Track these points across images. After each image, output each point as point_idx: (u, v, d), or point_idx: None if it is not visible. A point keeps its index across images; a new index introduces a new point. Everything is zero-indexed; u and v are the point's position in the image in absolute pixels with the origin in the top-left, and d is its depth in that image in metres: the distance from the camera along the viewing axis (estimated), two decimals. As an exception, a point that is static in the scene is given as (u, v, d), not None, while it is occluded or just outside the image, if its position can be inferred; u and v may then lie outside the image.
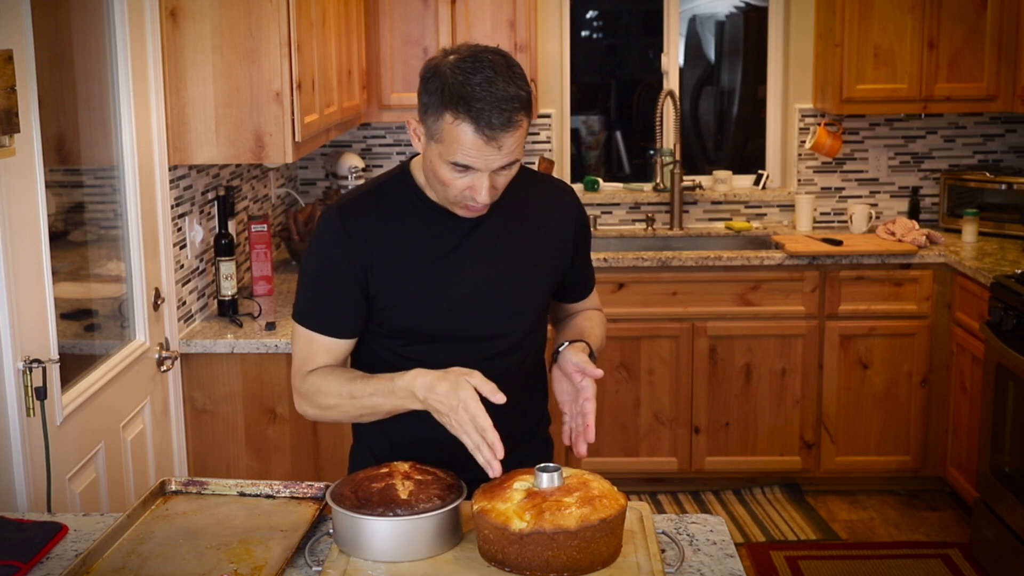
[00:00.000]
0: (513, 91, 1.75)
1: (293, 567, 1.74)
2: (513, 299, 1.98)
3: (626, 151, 5.60)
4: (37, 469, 2.38)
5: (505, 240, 1.97)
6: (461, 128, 1.75)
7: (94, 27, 2.82)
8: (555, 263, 2.04)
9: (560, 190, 2.10)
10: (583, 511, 1.65)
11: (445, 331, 1.95)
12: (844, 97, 4.52)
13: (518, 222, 1.99)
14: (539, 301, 2.04)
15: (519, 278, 1.98)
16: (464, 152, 1.77)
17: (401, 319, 1.94)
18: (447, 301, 1.93)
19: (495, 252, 1.96)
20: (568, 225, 2.06)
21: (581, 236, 2.09)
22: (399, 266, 1.91)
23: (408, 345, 1.96)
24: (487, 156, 1.77)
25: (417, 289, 1.92)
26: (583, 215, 2.11)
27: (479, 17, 4.39)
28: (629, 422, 4.45)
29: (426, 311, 1.93)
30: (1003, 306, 3.72)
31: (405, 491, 1.74)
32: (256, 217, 3.79)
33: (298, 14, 3.20)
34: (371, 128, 4.88)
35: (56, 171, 2.66)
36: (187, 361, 3.26)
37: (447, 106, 1.75)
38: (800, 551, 4.03)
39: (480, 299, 1.95)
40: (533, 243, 2.00)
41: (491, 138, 1.75)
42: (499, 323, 1.97)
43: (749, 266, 4.35)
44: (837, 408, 4.44)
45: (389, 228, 1.92)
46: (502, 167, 1.80)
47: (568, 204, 2.07)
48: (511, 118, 1.75)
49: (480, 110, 1.73)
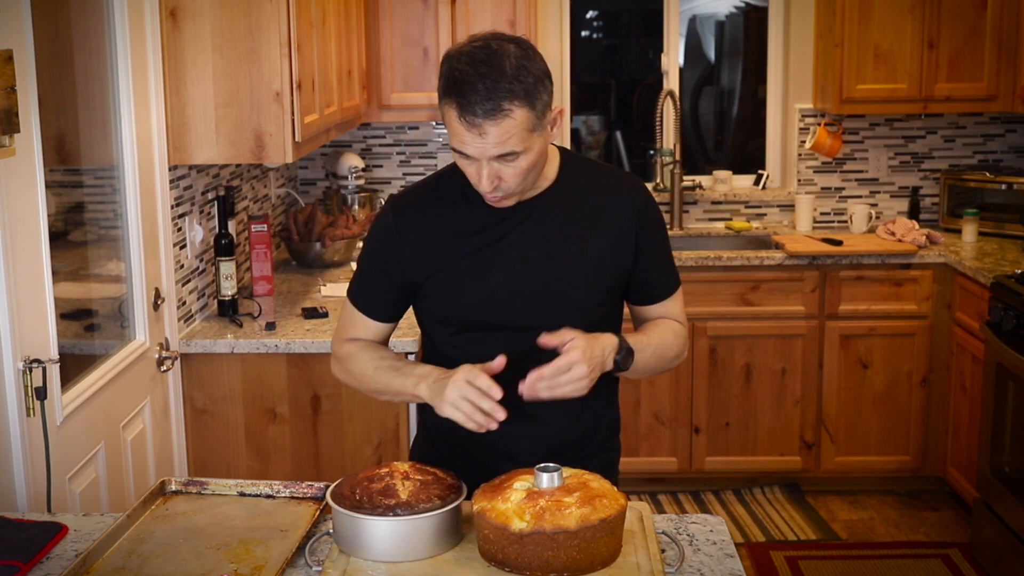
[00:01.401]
0: (508, 80, 1.74)
1: (293, 567, 1.74)
2: (559, 292, 1.95)
3: (626, 151, 5.61)
4: (37, 469, 2.38)
5: (556, 233, 1.95)
6: (451, 114, 1.79)
7: (94, 27, 2.82)
8: (612, 260, 1.99)
9: (628, 186, 2.03)
10: (583, 511, 1.65)
11: (488, 320, 1.96)
12: (844, 97, 4.52)
13: (574, 215, 1.97)
14: (591, 297, 1.98)
15: (568, 271, 1.95)
16: (457, 138, 1.80)
17: (445, 306, 1.98)
18: (490, 289, 1.95)
19: (544, 244, 1.95)
20: (631, 222, 1.99)
21: (647, 235, 2.01)
22: (445, 254, 1.96)
23: (456, 334, 1.99)
24: (476, 144, 1.78)
25: (461, 276, 1.95)
26: (654, 211, 2.03)
27: (479, 17, 4.39)
28: (629, 422, 4.45)
29: (469, 298, 1.96)
30: (1003, 306, 3.72)
31: (405, 491, 1.74)
32: (256, 217, 3.79)
33: (298, 14, 3.20)
34: (371, 128, 4.88)
35: (56, 171, 2.66)
36: (187, 361, 3.26)
37: (445, 93, 1.79)
38: (800, 551, 4.03)
39: (523, 289, 1.94)
40: (587, 237, 1.97)
41: (473, 125, 1.75)
42: (543, 315, 1.93)
43: (749, 266, 4.35)
44: (837, 408, 4.44)
45: (438, 218, 1.97)
46: (501, 157, 1.79)
47: (634, 201, 2.00)
48: (498, 106, 1.74)
49: (468, 98, 1.74)
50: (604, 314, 2.02)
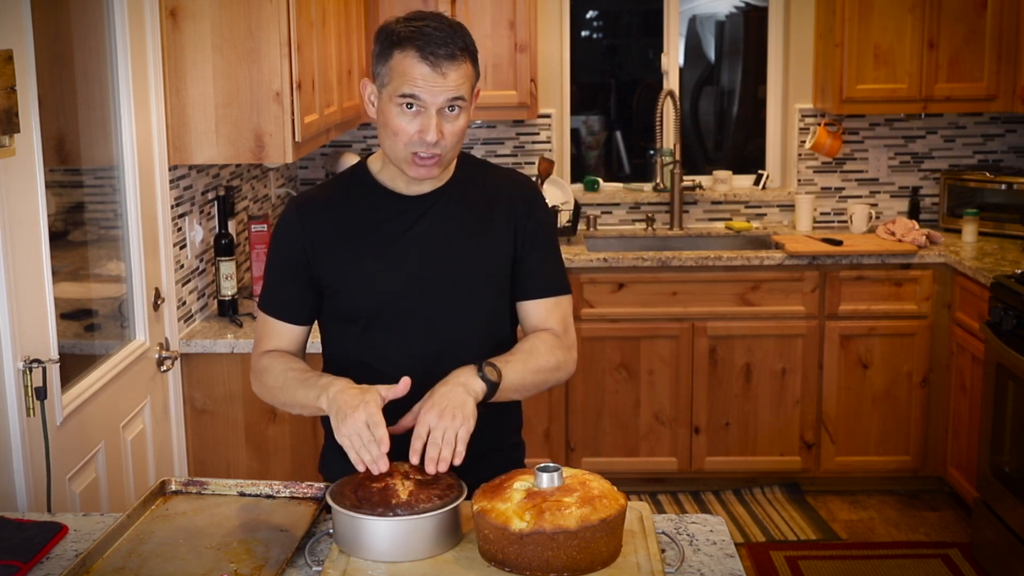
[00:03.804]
0: (456, 37, 1.88)
1: (293, 567, 1.74)
2: (458, 287, 1.99)
3: (626, 151, 5.60)
4: (37, 469, 2.38)
5: (454, 228, 2.00)
6: (408, 58, 1.86)
7: (94, 27, 2.82)
8: (506, 253, 2.02)
9: (517, 183, 2.08)
10: (583, 511, 1.65)
11: (392, 316, 1.99)
12: (844, 97, 4.52)
13: (470, 210, 2.02)
14: (487, 293, 2.02)
15: (468, 264, 2.00)
16: (411, 83, 1.86)
17: (349, 303, 2.01)
18: (392, 284, 1.98)
19: (442, 240, 1.99)
20: (519, 214, 2.03)
21: (531, 230, 2.04)
22: (347, 251, 1.99)
23: (364, 331, 2.01)
24: (433, 86, 1.85)
25: (363, 273, 1.98)
26: (537, 209, 2.06)
27: (479, 17, 4.39)
28: (629, 422, 4.45)
29: (372, 294, 1.98)
30: (1003, 306, 3.72)
31: (405, 491, 1.74)
32: (256, 217, 3.79)
33: (298, 14, 3.20)
34: (371, 128, 4.88)
35: (56, 171, 2.66)
36: (187, 361, 3.26)
37: (395, 45, 1.87)
38: (800, 551, 4.03)
39: (424, 285, 1.98)
40: (485, 231, 2.01)
41: (435, 65, 1.85)
42: (445, 311, 1.99)
43: (749, 266, 4.35)
44: (837, 408, 4.44)
45: (340, 215, 2.01)
46: (449, 105, 1.87)
47: (521, 196, 2.05)
48: (454, 52, 1.86)
49: (426, 40, 1.85)
50: (504, 307, 2.06)
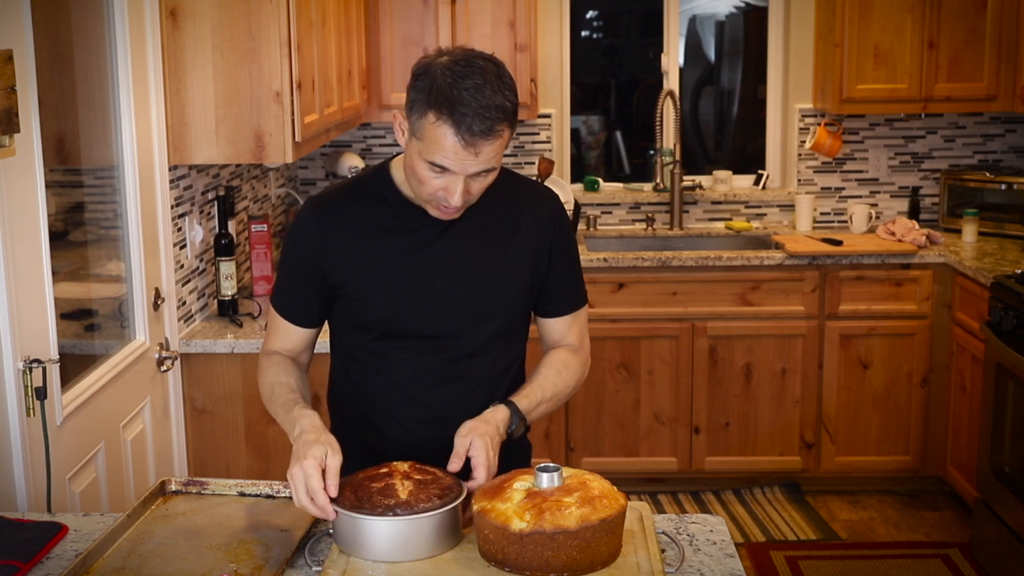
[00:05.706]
0: (499, 101, 1.77)
1: (293, 567, 1.74)
2: (479, 301, 1.98)
3: (626, 151, 5.60)
4: (37, 469, 2.38)
5: (477, 243, 1.98)
6: (442, 130, 1.76)
7: (94, 27, 2.82)
8: (527, 270, 2.02)
9: (542, 197, 2.08)
10: (583, 511, 1.65)
11: (410, 327, 1.97)
12: (844, 97, 4.52)
13: (493, 226, 1.99)
14: (508, 307, 2.02)
15: (487, 281, 1.98)
16: (442, 154, 1.78)
17: (366, 312, 1.98)
18: (412, 297, 1.95)
19: (465, 254, 1.97)
20: (544, 233, 2.03)
21: (558, 247, 2.05)
22: (366, 260, 1.95)
23: (376, 340, 2.00)
24: (463, 161, 1.79)
25: (383, 283, 1.95)
26: (563, 228, 2.06)
27: (479, 17, 4.39)
28: (629, 422, 4.45)
29: (391, 305, 1.96)
30: (1003, 306, 3.72)
31: (405, 491, 1.74)
32: (256, 217, 3.79)
33: (298, 14, 3.20)
34: (371, 128, 4.88)
35: (56, 171, 2.66)
36: (187, 361, 3.26)
37: (432, 105, 1.77)
38: (800, 551, 4.03)
39: (445, 298, 1.96)
40: (505, 247, 2.00)
41: (470, 144, 1.76)
42: (464, 324, 1.98)
43: (749, 266, 4.35)
44: (837, 408, 4.44)
45: (360, 222, 1.97)
46: (478, 173, 1.82)
47: (547, 212, 2.05)
48: (493, 127, 1.77)
49: (463, 115, 1.75)
50: (520, 323, 2.06)
